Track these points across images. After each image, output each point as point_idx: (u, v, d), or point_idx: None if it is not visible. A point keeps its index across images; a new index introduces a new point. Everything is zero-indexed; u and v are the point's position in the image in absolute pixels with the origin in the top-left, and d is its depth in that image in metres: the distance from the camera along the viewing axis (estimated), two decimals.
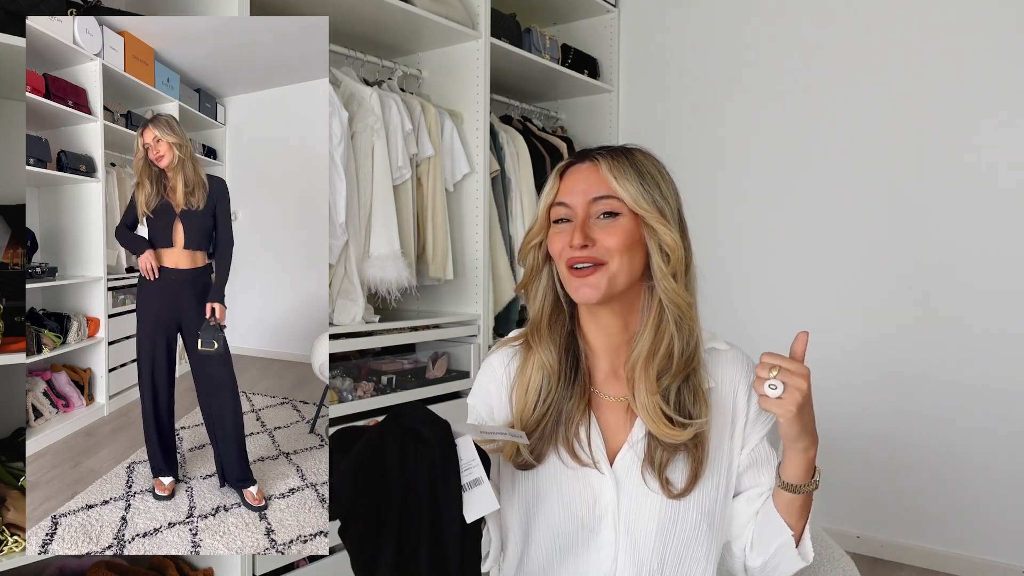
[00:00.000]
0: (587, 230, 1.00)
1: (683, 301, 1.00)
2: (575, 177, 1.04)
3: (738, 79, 3.14)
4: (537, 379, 1.06)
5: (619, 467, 1.03)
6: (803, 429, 0.96)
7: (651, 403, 1.00)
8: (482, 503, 0.86)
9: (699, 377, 1.03)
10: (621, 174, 1.00)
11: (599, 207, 1.01)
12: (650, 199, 1.00)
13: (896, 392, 2.83)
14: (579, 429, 1.04)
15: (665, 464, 1.01)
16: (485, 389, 1.14)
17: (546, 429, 1.04)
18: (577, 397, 1.05)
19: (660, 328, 1.02)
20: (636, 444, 1.03)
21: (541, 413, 1.04)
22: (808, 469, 1.01)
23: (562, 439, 1.04)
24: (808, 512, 1.04)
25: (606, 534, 1.03)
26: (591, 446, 1.03)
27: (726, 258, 3.14)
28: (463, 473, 0.87)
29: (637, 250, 1.01)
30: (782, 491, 1.02)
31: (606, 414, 1.07)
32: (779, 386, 0.92)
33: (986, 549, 2.68)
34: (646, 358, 1.02)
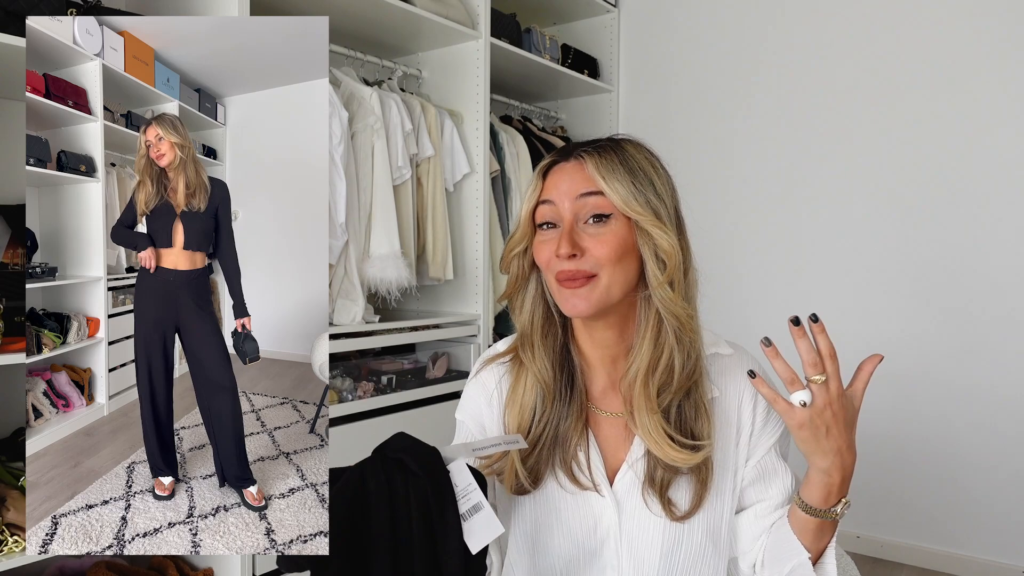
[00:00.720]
0: (575, 237, 0.91)
1: (682, 311, 0.92)
2: (559, 176, 0.94)
3: (738, 79, 3.14)
4: (531, 398, 0.98)
5: (619, 488, 0.97)
6: (820, 450, 0.87)
7: (652, 423, 0.93)
8: (485, 530, 0.80)
9: (701, 390, 0.96)
10: (610, 173, 0.91)
11: (587, 207, 0.91)
12: (643, 200, 0.90)
13: (896, 392, 2.83)
14: (577, 451, 0.97)
15: (667, 485, 0.95)
16: (476, 404, 1.06)
17: (543, 452, 0.97)
18: (574, 416, 0.98)
19: (659, 341, 0.94)
20: (635, 463, 0.97)
21: (537, 434, 0.97)
22: (828, 495, 0.90)
23: (560, 462, 0.97)
24: (832, 534, 0.93)
25: (609, 557, 0.98)
26: (591, 468, 0.97)
27: (726, 258, 3.14)
28: (460, 501, 0.80)
29: (630, 258, 0.92)
30: (797, 508, 0.93)
31: (604, 430, 1.00)
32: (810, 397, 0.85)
33: (986, 549, 2.68)
34: (645, 374, 0.94)
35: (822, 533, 0.92)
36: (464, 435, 1.08)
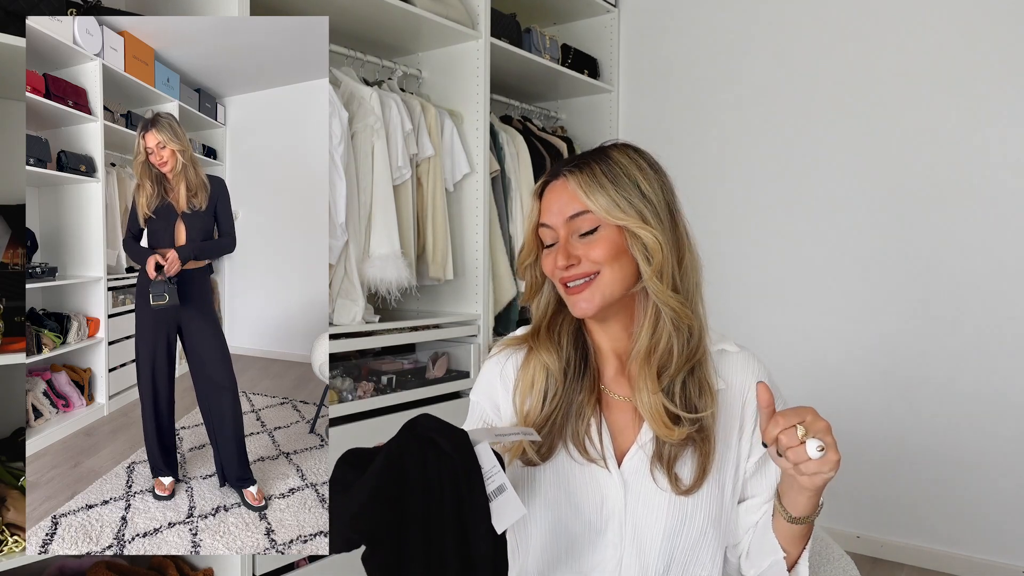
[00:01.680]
0: (570, 250, 1.00)
1: (673, 300, 0.99)
2: (551, 197, 1.03)
3: (739, 79, 3.14)
4: (541, 379, 1.05)
5: (627, 468, 1.03)
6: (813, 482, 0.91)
7: (653, 403, 0.99)
8: (510, 511, 0.83)
9: (705, 370, 1.02)
10: (590, 187, 0.99)
11: (576, 226, 1.01)
12: (626, 204, 0.98)
13: (896, 393, 2.83)
14: (589, 424, 1.03)
15: (674, 459, 1.01)
16: (491, 385, 1.12)
17: (555, 424, 1.03)
18: (587, 391, 1.04)
19: (657, 329, 1.01)
20: (645, 445, 1.03)
21: (549, 412, 1.03)
22: (813, 506, 0.97)
23: (571, 433, 1.03)
24: (807, 539, 1.01)
25: (612, 536, 1.02)
26: (601, 442, 1.03)
27: (726, 259, 3.14)
28: (487, 482, 0.83)
29: (625, 257, 1.00)
30: (781, 518, 0.99)
31: (615, 414, 1.06)
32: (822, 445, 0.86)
33: (986, 549, 2.68)
34: (644, 355, 1.01)
35: (801, 539, 1.01)
36: (478, 415, 1.13)
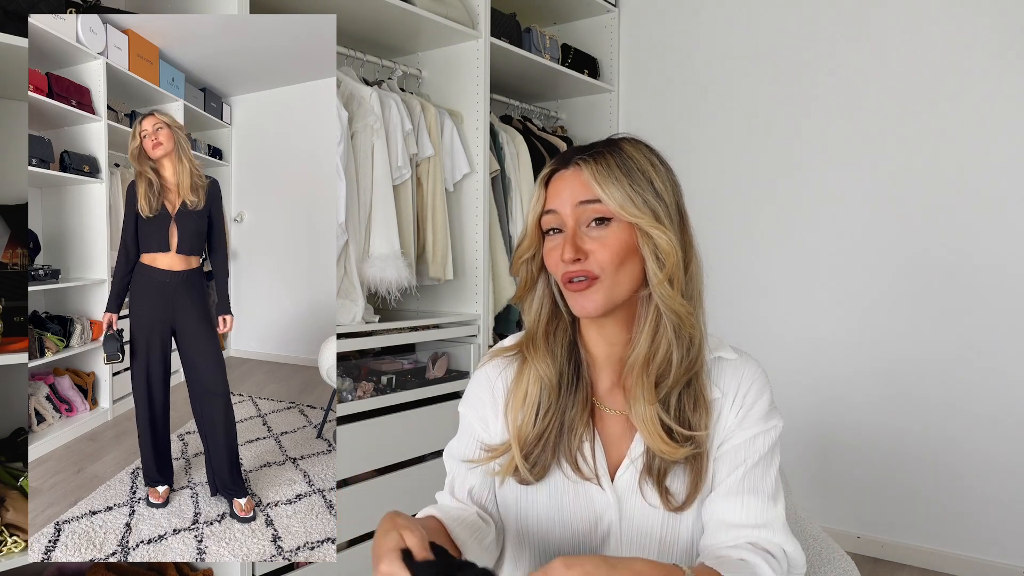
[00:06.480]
0: (578, 242, 0.95)
1: (682, 308, 0.94)
2: (560, 184, 0.98)
3: (739, 79, 3.13)
4: (535, 392, 1.01)
5: (620, 484, 1.00)
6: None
7: (649, 414, 0.95)
8: None
9: (701, 383, 0.99)
10: (605, 179, 0.94)
11: (587, 213, 0.95)
12: (641, 201, 0.93)
13: (897, 393, 2.82)
14: (582, 441, 1.00)
15: (664, 474, 0.97)
16: (479, 398, 1.08)
17: (548, 442, 0.99)
18: (579, 406, 1.00)
19: (657, 335, 0.97)
20: (636, 460, 0.99)
21: (542, 428, 0.99)
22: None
23: (564, 451, 1.00)
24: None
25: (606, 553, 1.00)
26: (595, 459, 1.00)
27: (727, 259, 3.13)
28: None
29: (633, 259, 0.95)
30: None
31: (608, 427, 1.03)
32: None
33: (986, 549, 2.67)
34: (642, 364, 0.97)
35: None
36: (466, 428, 1.10)
